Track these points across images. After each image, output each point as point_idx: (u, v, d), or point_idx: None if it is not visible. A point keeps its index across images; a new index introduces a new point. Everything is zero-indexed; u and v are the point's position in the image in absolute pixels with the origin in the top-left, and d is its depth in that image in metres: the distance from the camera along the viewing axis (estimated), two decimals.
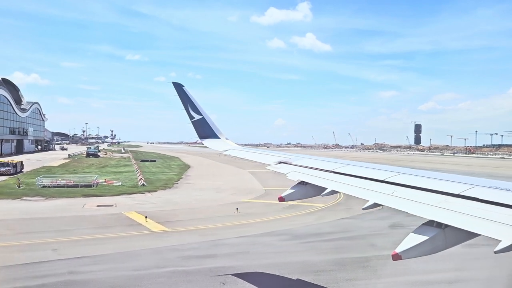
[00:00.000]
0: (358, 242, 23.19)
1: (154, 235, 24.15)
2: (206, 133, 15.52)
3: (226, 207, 33.93)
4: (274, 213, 32.35)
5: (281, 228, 26.35)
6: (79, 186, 46.08)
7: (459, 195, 5.93)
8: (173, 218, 29.22)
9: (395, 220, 30.25)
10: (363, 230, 26.30)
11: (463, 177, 6.90)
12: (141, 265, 17.87)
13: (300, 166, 10.46)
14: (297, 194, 9.32)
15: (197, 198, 40.25)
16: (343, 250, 21.28)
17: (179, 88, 15.03)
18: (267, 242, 22.78)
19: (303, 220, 29.66)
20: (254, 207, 35.28)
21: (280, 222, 28.72)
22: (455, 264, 18.94)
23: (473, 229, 5.06)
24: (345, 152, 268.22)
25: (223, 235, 24.24)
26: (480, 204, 5.50)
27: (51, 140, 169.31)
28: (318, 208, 35.25)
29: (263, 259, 19.34)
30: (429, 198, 6.19)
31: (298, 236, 24.21)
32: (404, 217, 31.32)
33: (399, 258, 5.51)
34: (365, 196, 7.36)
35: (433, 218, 5.66)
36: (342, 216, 31.31)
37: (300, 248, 21.63)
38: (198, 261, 18.74)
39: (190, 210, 33.28)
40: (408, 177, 7.52)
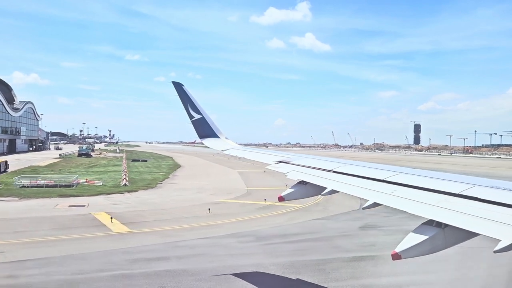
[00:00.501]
0: (322, 243, 22.49)
1: (113, 236, 23.47)
2: (206, 132, 15.49)
3: (200, 208, 33.25)
4: (247, 214, 31.67)
5: (248, 229, 25.66)
6: (58, 186, 45.45)
7: (459, 194, 5.94)
8: (141, 219, 28.55)
9: (368, 221, 29.60)
10: (332, 231, 25.60)
11: (463, 177, 6.90)
12: (84, 269, 17.18)
13: (300, 166, 10.47)
14: (296, 194, 9.36)
15: (175, 199, 39.59)
16: (303, 252, 20.59)
17: (179, 88, 14.99)
18: (227, 244, 22.08)
19: (274, 220, 28.97)
20: (229, 208, 34.60)
21: (250, 223, 28.03)
22: (423, 267, 18.24)
23: (473, 229, 5.06)
24: (342, 151, 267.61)
25: (185, 236, 23.56)
26: (480, 204, 5.51)
27: (46, 139, 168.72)
28: (294, 209, 34.55)
29: (216, 262, 18.63)
30: (429, 198, 6.19)
31: (262, 238, 23.52)
32: (380, 218, 30.69)
33: (399, 258, 5.44)
34: (364, 195, 7.35)
35: (433, 217, 5.65)
36: (315, 217, 30.62)
37: (259, 250, 20.93)
38: (146, 264, 18.05)
39: (162, 210, 32.61)
40: (408, 176, 7.52)
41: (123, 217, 28.92)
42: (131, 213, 31.21)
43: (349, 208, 34.96)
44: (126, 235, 23.78)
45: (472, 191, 5.93)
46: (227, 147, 14.91)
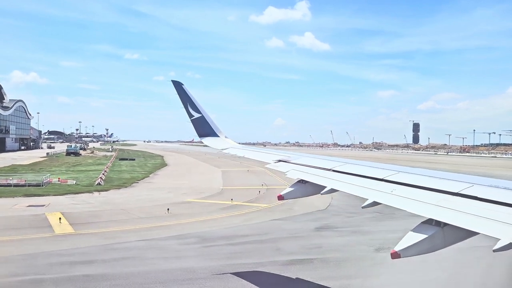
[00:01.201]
0: (267, 245, 21.62)
1: (51, 238, 22.65)
2: (205, 131, 15.41)
3: (161, 208, 32.38)
4: (207, 214, 30.82)
5: (197, 231, 24.80)
6: (27, 185, 44.69)
7: (458, 193, 5.93)
8: (93, 220, 27.74)
9: (328, 221, 28.82)
10: (284, 233, 24.74)
11: (462, 176, 6.87)
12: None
13: (300, 165, 10.45)
14: (296, 193, 9.32)
15: (141, 198, 38.76)
16: (241, 255, 19.72)
17: (179, 87, 14.92)
18: (166, 246, 21.23)
19: (230, 221, 28.12)
20: (192, 208, 33.77)
21: (204, 223, 27.18)
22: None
23: (472, 228, 5.06)
24: (338, 150, 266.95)
25: (127, 238, 22.72)
26: (479, 203, 5.50)
27: (38, 138, 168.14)
28: (258, 209, 33.78)
29: (143, 265, 17.77)
30: (428, 197, 6.18)
31: (207, 240, 22.67)
32: (343, 218, 29.90)
33: (398, 257, 5.42)
34: (364, 194, 7.28)
35: (432, 216, 5.65)
36: (275, 218, 29.79)
37: (195, 253, 20.07)
38: (67, 268, 17.19)
39: (121, 211, 31.77)
40: (407, 175, 7.49)
41: (75, 218, 28.14)
42: (87, 213, 30.42)
43: (315, 208, 34.17)
44: (66, 237, 22.97)
45: (472, 190, 5.90)
46: (226, 146, 14.81)
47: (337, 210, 33.60)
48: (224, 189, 47.60)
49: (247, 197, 40.32)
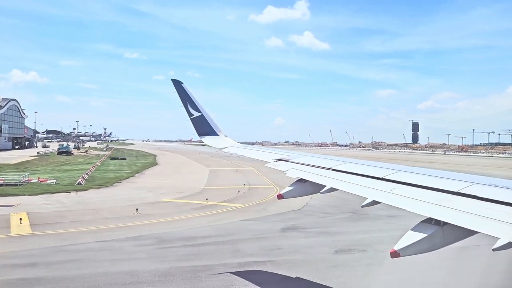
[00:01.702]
0: (225, 247, 20.92)
1: (4, 239, 21.97)
2: (205, 130, 15.33)
3: (132, 208, 31.61)
4: (177, 214, 30.14)
5: (159, 231, 24.12)
6: (4, 185, 44.05)
7: (458, 192, 5.90)
8: (56, 220, 27.08)
9: (299, 222, 28.15)
10: (248, 234, 24.06)
11: (462, 175, 6.82)
12: None
13: (299, 164, 10.41)
14: (296, 192, 9.31)
15: (116, 198, 38.06)
16: (194, 257, 19.02)
17: (178, 85, 14.85)
18: (119, 248, 20.58)
19: (197, 221, 27.44)
20: (164, 208, 33.09)
21: (169, 224, 26.48)
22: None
23: (472, 227, 5.05)
24: (334, 150, 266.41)
25: (82, 239, 22.06)
26: (479, 202, 5.47)
27: (33, 137, 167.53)
28: (231, 209, 33.12)
29: (88, 268, 17.11)
30: (428, 196, 6.16)
31: (165, 241, 22.00)
32: (315, 219, 29.22)
33: (398, 256, 5.40)
34: (364, 193, 7.26)
35: (432, 215, 5.62)
36: (245, 218, 29.11)
37: (148, 255, 19.38)
38: (7, 271, 16.50)
39: (91, 211, 31.08)
40: (407, 174, 7.43)
41: (40, 218, 27.50)
42: (54, 213, 29.76)
43: (289, 209, 33.49)
44: (20, 238, 22.32)
45: (471, 189, 5.87)
46: (226, 145, 14.73)
47: (312, 210, 32.91)
48: (206, 188, 46.95)
49: (225, 197, 39.65)
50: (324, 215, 31.02)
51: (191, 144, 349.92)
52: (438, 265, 17.50)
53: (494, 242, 4.54)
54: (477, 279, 17.06)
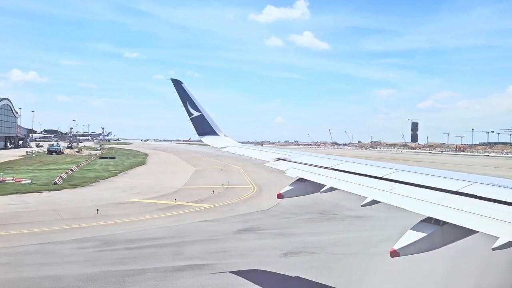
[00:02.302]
0: (167, 250, 20.07)
1: None
2: (205, 130, 15.37)
3: (94, 209, 30.87)
4: (138, 215, 29.32)
5: (108, 233, 23.24)
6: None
7: (458, 192, 5.88)
8: (8, 221, 26.24)
9: (260, 223, 27.39)
10: (200, 235, 23.22)
11: (462, 174, 6.81)
12: None
13: (299, 163, 10.39)
14: (295, 191, 9.33)
15: (86, 198, 37.18)
16: (129, 261, 18.16)
17: (178, 85, 14.90)
18: (56, 250, 19.71)
19: (154, 222, 26.61)
20: (129, 208, 32.25)
21: (124, 225, 25.61)
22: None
23: (471, 226, 5.07)
24: (333, 149, 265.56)
25: (22, 241, 21.18)
26: (478, 201, 5.47)
27: (26, 137, 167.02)
28: (198, 209, 32.34)
29: (11, 273, 16.26)
30: (428, 195, 6.16)
31: (108, 243, 21.13)
32: (280, 220, 28.37)
33: (397, 255, 5.42)
34: (363, 193, 7.20)
35: (432, 215, 5.63)
36: (206, 219, 28.27)
37: (83, 258, 18.52)
38: None
39: (50, 211, 30.20)
40: (406, 174, 7.42)
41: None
42: (10, 214, 28.92)
43: (258, 209, 32.79)
44: None
45: (471, 188, 5.87)
46: (225, 145, 14.77)
47: (280, 210, 32.10)
48: (183, 188, 46.18)
49: (198, 197, 38.87)
50: (290, 215, 30.21)
51: (189, 143, 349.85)
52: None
53: (493, 241, 4.54)
54: (473, 278, 16.73)
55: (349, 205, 34.54)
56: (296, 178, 9.51)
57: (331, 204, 35.73)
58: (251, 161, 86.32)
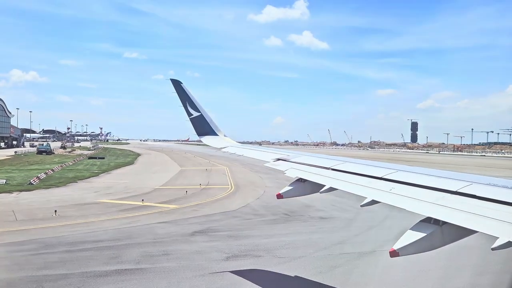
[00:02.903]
0: (104, 253, 19.18)
1: None
2: (204, 130, 15.41)
3: (53, 210, 30.13)
4: (99, 216, 28.51)
5: (53, 235, 22.37)
6: None
7: (457, 192, 5.90)
8: None
9: (217, 224, 26.59)
10: (147, 238, 22.32)
11: (461, 174, 6.82)
12: None
13: (298, 163, 10.39)
14: (295, 191, 9.32)
15: (53, 199, 36.28)
16: (60, 265, 17.29)
17: (177, 85, 14.90)
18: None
19: (109, 224, 25.77)
20: (91, 209, 31.44)
21: (75, 227, 24.77)
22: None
23: (471, 226, 5.07)
24: (331, 149, 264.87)
25: None
26: (478, 201, 5.49)
27: (20, 137, 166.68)
28: (162, 210, 31.58)
29: None
30: (427, 195, 6.17)
31: (48, 246, 20.27)
32: (240, 221, 27.56)
33: (397, 255, 5.42)
34: (363, 193, 7.19)
35: (431, 215, 5.63)
36: (164, 220, 27.45)
37: (12, 262, 17.65)
38: None
39: (7, 212, 29.40)
40: (406, 174, 7.43)
41: None
42: None
43: (225, 209, 32.03)
44: None
45: (470, 188, 5.87)
46: (225, 145, 14.80)
47: (245, 211, 31.33)
48: (159, 188, 45.46)
49: (169, 197, 38.12)
50: (253, 217, 29.41)
51: (187, 143, 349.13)
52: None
53: (493, 241, 4.54)
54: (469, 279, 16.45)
55: (320, 205, 33.91)
56: (295, 178, 9.47)
57: (303, 205, 34.94)
58: (240, 161, 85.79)
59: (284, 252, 19.92)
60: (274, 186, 49.68)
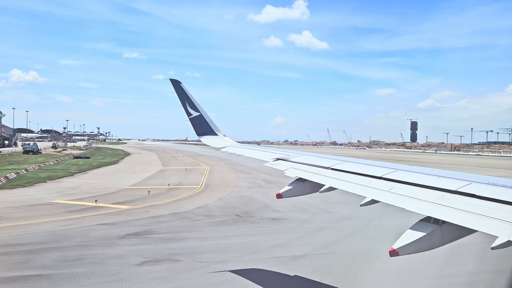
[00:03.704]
0: (17, 258, 17.88)
1: None
2: (204, 130, 15.43)
3: (7, 210, 29.10)
4: (41, 217, 27.32)
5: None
6: None
7: (457, 191, 5.90)
8: None
9: (158, 226, 25.48)
10: (75, 241, 21.14)
11: (460, 174, 6.81)
12: None
13: (298, 163, 10.40)
14: (294, 191, 9.33)
15: (9, 200, 35.04)
16: None
17: (177, 85, 14.91)
18: None
19: (47, 226, 24.56)
20: (39, 211, 30.24)
21: (9, 230, 23.68)
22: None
23: (470, 225, 5.07)
24: (329, 149, 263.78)
25: None
26: (477, 201, 5.49)
27: (12, 136, 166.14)
28: (112, 211, 30.51)
29: None
30: (427, 195, 6.18)
31: None
32: (188, 222, 26.47)
33: (396, 254, 5.40)
34: (362, 192, 7.14)
35: (430, 214, 5.64)
36: (105, 222, 26.30)
37: None
38: None
39: None
40: (405, 173, 7.42)
41: None
42: None
43: (176, 210, 30.92)
44: None
45: (470, 188, 5.90)
46: (224, 145, 14.86)
47: (197, 212, 30.23)
48: (126, 188, 44.43)
49: (129, 198, 37.08)
50: (202, 218, 28.31)
51: (186, 143, 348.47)
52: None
53: (492, 240, 4.56)
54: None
55: (279, 206, 32.85)
56: (295, 178, 9.47)
57: (262, 205, 33.93)
58: (227, 161, 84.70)
59: (208, 257, 18.80)
60: (246, 186, 48.81)
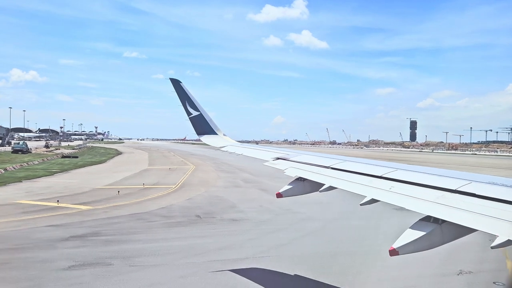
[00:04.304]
0: None
1: None
2: (203, 129, 15.42)
3: None
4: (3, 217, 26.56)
5: None
6: None
7: (456, 190, 5.92)
8: None
9: (106, 228, 24.50)
10: (12, 243, 20.01)
11: (460, 173, 6.88)
12: None
13: (298, 162, 10.44)
14: (294, 190, 9.35)
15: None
16: None
17: (177, 84, 14.90)
18: None
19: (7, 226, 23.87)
20: (1, 211, 29.52)
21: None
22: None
23: (470, 225, 5.07)
24: (328, 148, 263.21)
25: None
26: (477, 200, 5.49)
27: (5, 135, 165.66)
28: (69, 212, 29.54)
29: None
30: (426, 194, 6.21)
31: None
32: (144, 222, 25.48)
33: (396, 254, 5.40)
34: (362, 192, 7.18)
35: (430, 213, 5.66)
36: (55, 223, 25.24)
37: None
38: None
39: None
40: (405, 173, 7.46)
41: None
42: None
43: (136, 211, 29.91)
44: None
45: (469, 187, 5.90)
46: (224, 144, 14.93)
47: (158, 213, 29.22)
48: (98, 188, 43.39)
49: (96, 197, 36.10)
50: (159, 219, 27.31)
51: (184, 142, 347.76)
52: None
53: (492, 240, 4.57)
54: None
55: (246, 206, 31.93)
56: (295, 177, 9.47)
57: (228, 206, 32.99)
58: (215, 160, 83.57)
59: (143, 260, 17.80)
60: (223, 185, 48.04)
